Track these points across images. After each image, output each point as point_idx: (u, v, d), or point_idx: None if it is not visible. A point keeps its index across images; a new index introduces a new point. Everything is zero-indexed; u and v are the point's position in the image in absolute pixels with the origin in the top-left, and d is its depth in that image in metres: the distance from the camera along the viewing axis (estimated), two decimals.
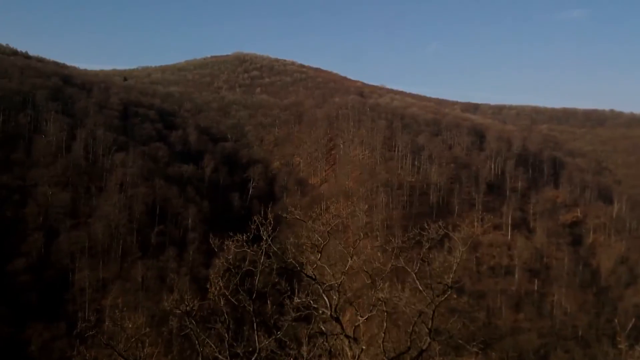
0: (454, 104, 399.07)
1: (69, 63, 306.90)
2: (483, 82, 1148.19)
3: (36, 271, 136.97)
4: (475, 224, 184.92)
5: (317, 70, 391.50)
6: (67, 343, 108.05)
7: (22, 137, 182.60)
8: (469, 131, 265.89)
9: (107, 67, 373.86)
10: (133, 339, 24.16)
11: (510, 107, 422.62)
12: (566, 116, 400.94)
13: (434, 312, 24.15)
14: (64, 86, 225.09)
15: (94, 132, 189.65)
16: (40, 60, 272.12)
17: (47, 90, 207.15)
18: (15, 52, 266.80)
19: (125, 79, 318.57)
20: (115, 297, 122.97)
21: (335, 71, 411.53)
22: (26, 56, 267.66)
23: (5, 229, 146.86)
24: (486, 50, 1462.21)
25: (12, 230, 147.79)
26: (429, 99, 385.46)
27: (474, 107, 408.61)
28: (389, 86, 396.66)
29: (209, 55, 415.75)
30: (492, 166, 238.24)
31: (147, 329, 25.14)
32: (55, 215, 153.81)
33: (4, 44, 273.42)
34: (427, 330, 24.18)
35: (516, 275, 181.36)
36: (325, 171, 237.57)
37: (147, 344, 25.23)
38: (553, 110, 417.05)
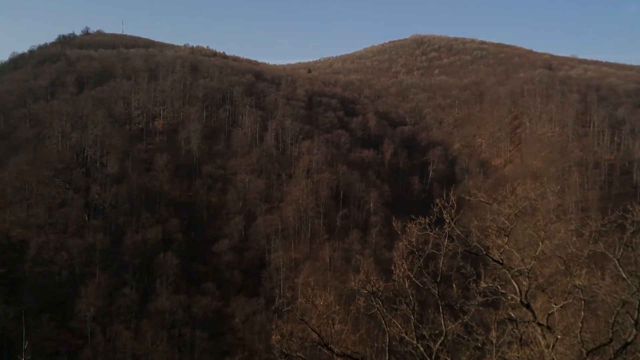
0: None
1: (260, 60, 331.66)
2: None
3: (238, 251, 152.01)
4: None
5: (499, 45, 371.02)
6: (266, 317, 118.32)
7: (223, 131, 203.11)
8: None
9: (293, 61, 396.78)
10: (324, 316, 25.52)
11: None
12: None
13: None
14: (257, 82, 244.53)
15: (283, 122, 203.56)
16: (236, 59, 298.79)
17: (242, 87, 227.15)
18: (214, 54, 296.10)
19: (309, 71, 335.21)
20: (306, 276, 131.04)
21: (519, 45, 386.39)
22: (223, 56, 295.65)
23: (211, 214, 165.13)
24: None
25: (217, 214, 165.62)
26: (630, 67, 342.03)
27: None
28: (581, 56, 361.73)
29: (386, 41, 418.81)
30: None
31: (337, 307, 26.37)
32: (252, 200, 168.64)
33: (204, 46, 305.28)
34: (632, 321, 21.88)
35: None
36: (509, 151, 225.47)
37: (336, 322, 26.44)
38: None
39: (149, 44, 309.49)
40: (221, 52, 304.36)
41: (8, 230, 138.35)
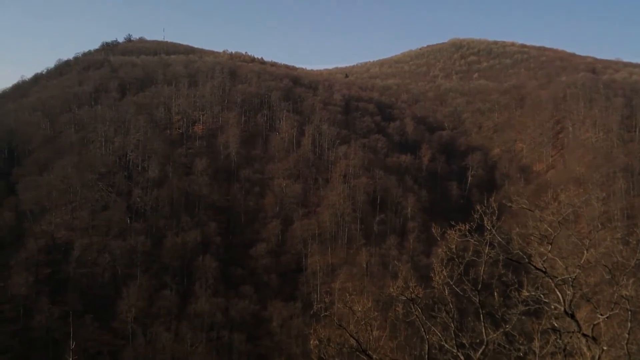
0: None
1: (297, 65, 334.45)
2: None
3: (275, 255, 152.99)
4: None
5: (540, 49, 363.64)
6: (303, 321, 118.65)
7: (260, 135, 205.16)
8: None
9: (330, 66, 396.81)
10: (362, 322, 25.39)
11: None
12: None
13: None
14: (294, 87, 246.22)
15: (320, 127, 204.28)
16: (274, 64, 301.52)
17: (280, 92, 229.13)
18: (252, 59, 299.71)
19: (346, 76, 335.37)
20: (343, 281, 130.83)
21: (561, 48, 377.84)
22: (262, 62, 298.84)
23: (249, 218, 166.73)
24: None
25: (254, 218, 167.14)
26: None
27: None
28: (625, 59, 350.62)
29: (424, 45, 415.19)
30: None
31: (375, 313, 26.23)
32: (289, 204, 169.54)
33: (243, 52, 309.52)
34: None
35: None
36: (551, 157, 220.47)
37: (374, 328, 26.26)
38: None
39: (189, 50, 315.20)
40: (259, 57, 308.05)
41: (54, 232, 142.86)
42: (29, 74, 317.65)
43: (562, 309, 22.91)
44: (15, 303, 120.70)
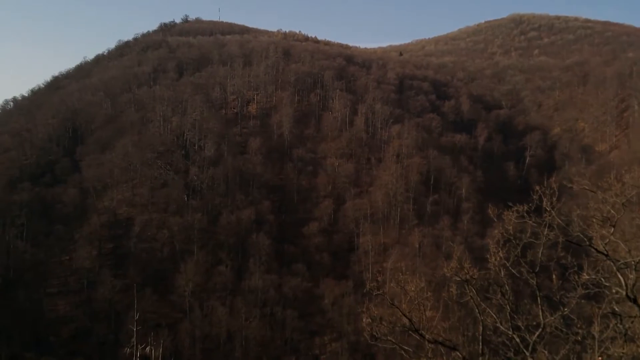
0: None
1: (351, 44, 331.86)
2: None
3: (327, 234, 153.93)
4: None
5: (605, 23, 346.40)
6: (354, 300, 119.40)
7: (313, 115, 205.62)
8: None
9: (384, 44, 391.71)
10: (415, 302, 25.35)
11: None
12: None
13: None
14: (347, 65, 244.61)
15: (373, 106, 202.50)
16: (327, 43, 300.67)
17: (333, 71, 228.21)
18: (306, 38, 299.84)
19: (400, 54, 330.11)
20: (395, 261, 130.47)
21: (628, 23, 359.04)
22: (315, 41, 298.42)
23: (301, 197, 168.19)
24: None
25: (307, 197, 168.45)
26: None
27: None
28: None
29: (482, 21, 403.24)
30: None
31: (428, 294, 26.15)
32: (341, 184, 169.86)
33: (297, 31, 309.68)
34: None
35: None
36: (615, 136, 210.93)
37: (427, 308, 26.19)
38: None
39: (243, 30, 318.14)
40: (313, 36, 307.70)
41: (115, 208, 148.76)
42: (90, 55, 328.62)
43: (624, 293, 22.20)
44: (79, 275, 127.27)
